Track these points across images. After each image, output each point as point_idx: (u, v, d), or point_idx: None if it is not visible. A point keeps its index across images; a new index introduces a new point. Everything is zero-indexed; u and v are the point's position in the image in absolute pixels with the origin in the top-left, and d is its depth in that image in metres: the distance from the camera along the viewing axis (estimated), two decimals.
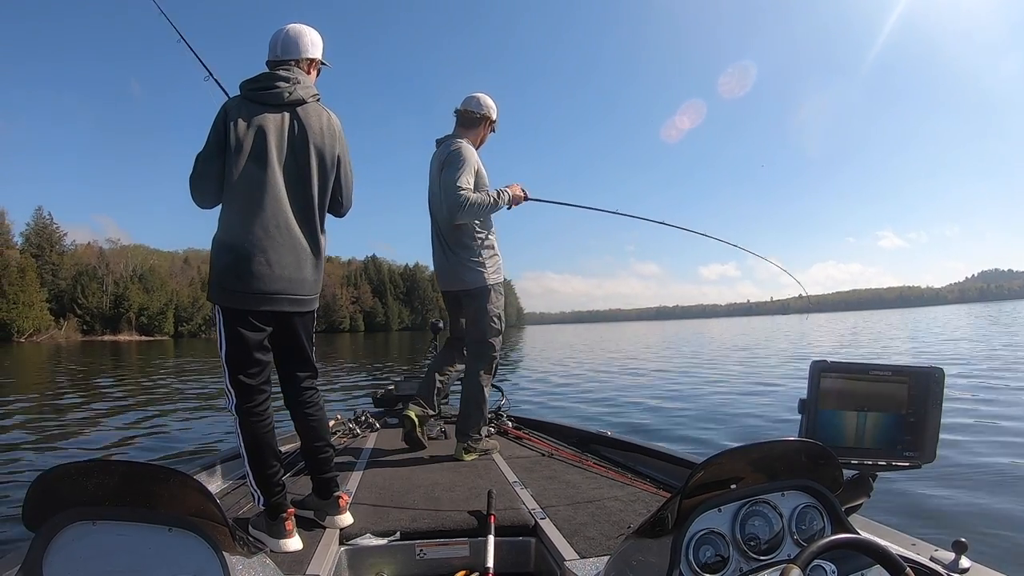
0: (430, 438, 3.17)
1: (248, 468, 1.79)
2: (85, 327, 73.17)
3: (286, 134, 1.82)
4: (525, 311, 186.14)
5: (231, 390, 1.78)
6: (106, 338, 69.93)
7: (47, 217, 76.97)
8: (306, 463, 2.02)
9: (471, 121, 2.93)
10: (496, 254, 2.94)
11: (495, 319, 2.90)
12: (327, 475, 1.96)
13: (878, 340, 21.58)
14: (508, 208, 2.96)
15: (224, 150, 1.77)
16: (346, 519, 1.91)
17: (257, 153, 1.77)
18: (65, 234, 78.95)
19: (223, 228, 1.79)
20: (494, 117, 2.98)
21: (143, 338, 71.35)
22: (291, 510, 1.79)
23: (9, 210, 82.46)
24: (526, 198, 3.00)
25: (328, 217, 1.99)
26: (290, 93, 1.82)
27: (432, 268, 3.06)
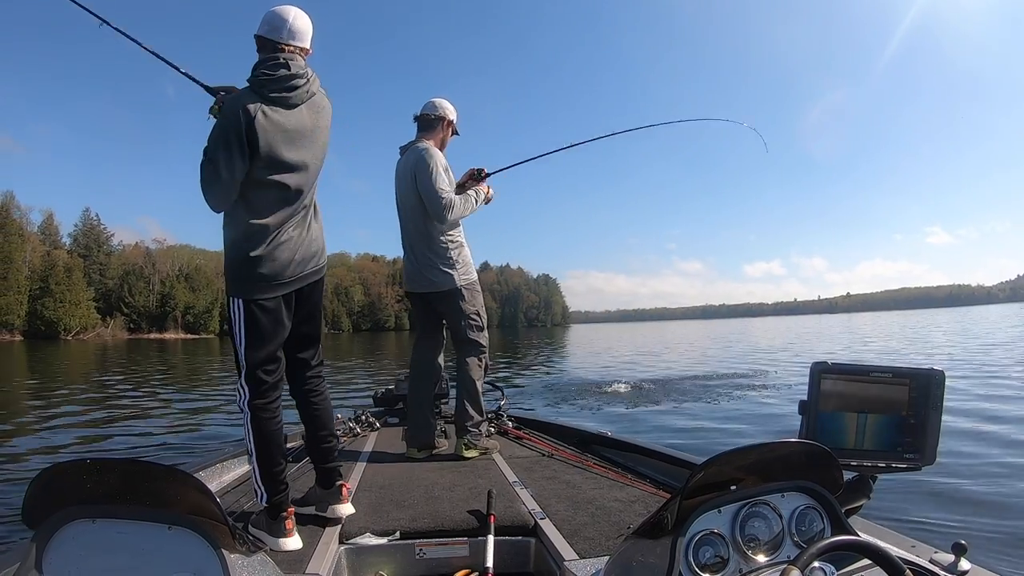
0: None
1: (255, 464, 1.80)
2: (132, 325, 74.48)
3: (308, 131, 1.86)
4: (571, 310, 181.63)
5: (244, 386, 1.80)
6: (152, 336, 70.89)
7: (94, 218, 79.14)
8: (310, 453, 2.04)
9: (429, 123, 2.97)
10: (466, 254, 2.97)
11: (474, 316, 2.93)
12: (330, 464, 1.98)
13: None
14: (485, 204, 3.03)
15: (244, 151, 1.74)
16: (347, 508, 1.93)
17: (286, 152, 1.79)
18: (112, 235, 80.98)
19: (247, 223, 1.78)
20: (452, 118, 3.00)
21: (189, 336, 72.46)
22: (291, 509, 1.80)
23: (56, 211, 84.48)
24: (488, 188, 3.04)
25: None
26: (307, 92, 1.86)
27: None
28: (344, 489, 1.95)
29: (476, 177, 2.99)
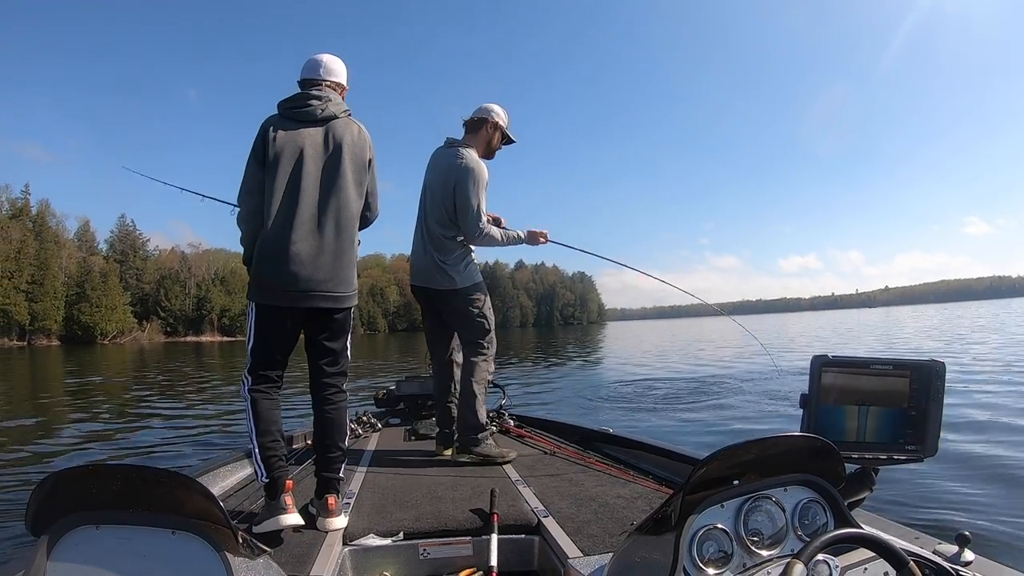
0: (430, 438, 3.16)
1: (253, 442, 1.87)
2: (168, 329, 75.48)
3: (320, 146, 1.98)
4: (606, 307, 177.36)
5: (247, 376, 1.92)
6: (188, 339, 71.56)
7: (130, 224, 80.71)
8: (316, 458, 2.07)
9: (474, 125, 2.91)
10: (473, 257, 2.90)
11: (478, 318, 2.84)
12: (326, 474, 1.99)
13: None
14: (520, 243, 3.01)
15: (259, 158, 1.96)
16: (334, 522, 1.88)
17: (294, 164, 1.94)
18: (148, 240, 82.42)
19: (262, 230, 1.94)
20: (497, 120, 2.90)
21: (224, 339, 73.20)
22: (290, 483, 1.84)
23: (91, 218, 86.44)
24: (544, 240, 3.03)
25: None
26: (323, 110, 2.00)
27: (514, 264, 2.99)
28: (330, 502, 1.91)
29: (532, 239, 3.00)
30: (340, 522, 1.89)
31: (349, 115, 2.07)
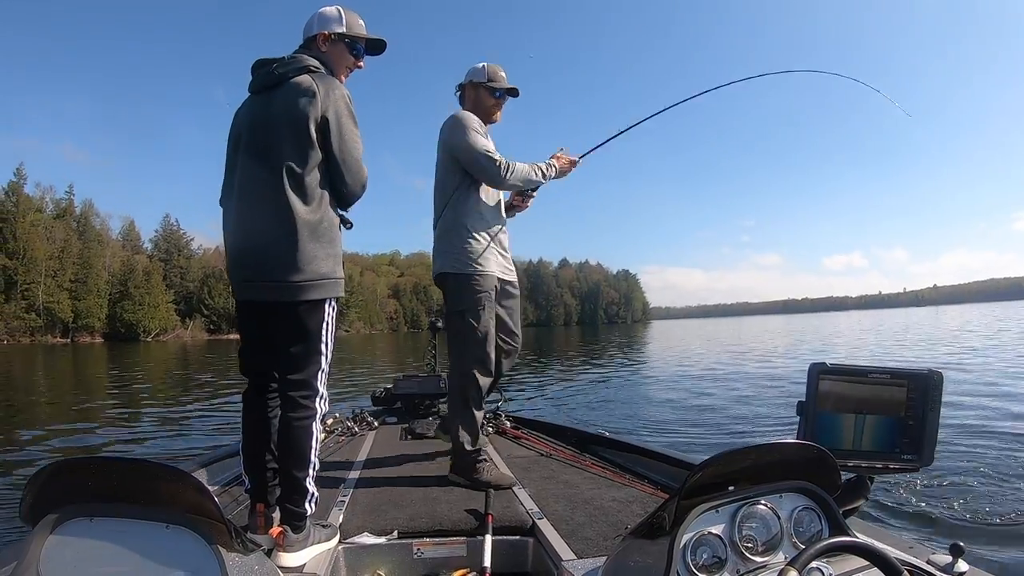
0: (426, 437, 3.16)
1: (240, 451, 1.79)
2: (212, 326, 75.74)
3: (259, 114, 1.72)
4: (650, 306, 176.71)
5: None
6: (231, 336, 71.86)
7: (174, 224, 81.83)
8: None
9: (460, 97, 2.67)
10: (479, 243, 2.50)
11: (458, 312, 2.47)
12: (282, 502, 1.67)
13: None
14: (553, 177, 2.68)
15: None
16: (282, 558, 1.57)
17: (236, 141, 1.77)
18: (192, 239, 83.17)
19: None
20: (473, 79, 2.59)
21: None
22: (261, 506, 1.68)
23: (136, 218, 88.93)
24: (574, 163, 2.72)
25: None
26: (267, 75, 1.72)
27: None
28: (273, 532, 1.62)
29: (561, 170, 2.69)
30: (290, 559, 1.58)
31: (309, 71, 1.70)
